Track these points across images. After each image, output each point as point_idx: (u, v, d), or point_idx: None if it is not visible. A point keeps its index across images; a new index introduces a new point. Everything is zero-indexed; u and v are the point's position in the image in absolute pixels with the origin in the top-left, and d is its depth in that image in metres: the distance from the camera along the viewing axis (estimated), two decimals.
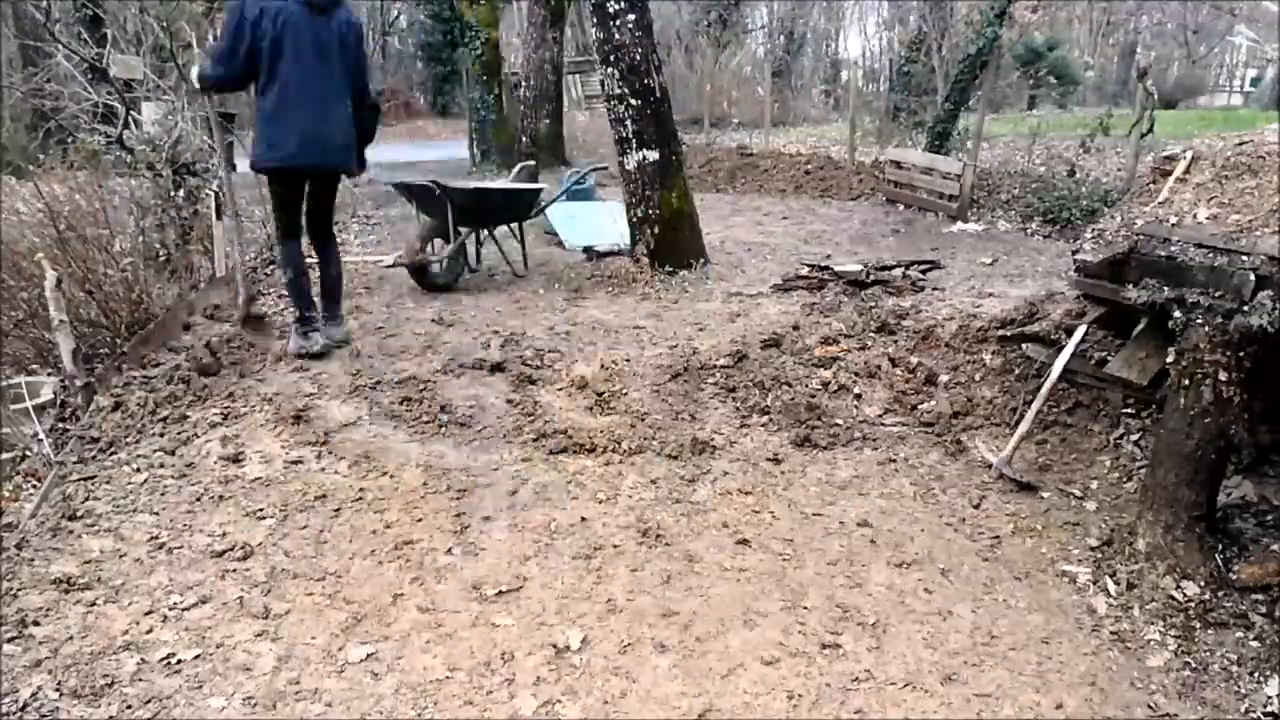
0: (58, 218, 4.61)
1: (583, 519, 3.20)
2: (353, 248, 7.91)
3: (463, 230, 6.16)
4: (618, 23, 6.14)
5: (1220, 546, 3.00)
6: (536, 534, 3.09)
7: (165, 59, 7.49)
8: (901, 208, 9.90)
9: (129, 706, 2.25)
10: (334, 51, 4.17)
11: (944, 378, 4.36)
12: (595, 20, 6.32)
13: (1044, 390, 3.66)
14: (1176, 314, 3.00)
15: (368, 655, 2.47)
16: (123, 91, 6.31)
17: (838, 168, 11.77)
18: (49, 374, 4.08)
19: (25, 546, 2.87)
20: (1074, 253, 3.50)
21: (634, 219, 6.66)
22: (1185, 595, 2.83)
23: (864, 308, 5.27)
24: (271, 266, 6.53)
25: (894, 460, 3.78)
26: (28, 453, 3.37)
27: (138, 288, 4.79)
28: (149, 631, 2.52)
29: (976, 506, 3.45)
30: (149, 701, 2.26)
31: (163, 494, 3.26)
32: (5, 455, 3.34)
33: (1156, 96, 9.63)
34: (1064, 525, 3.32)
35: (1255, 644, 2.66)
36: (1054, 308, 4.42)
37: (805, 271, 6.37)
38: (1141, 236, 3.20)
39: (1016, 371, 4.22)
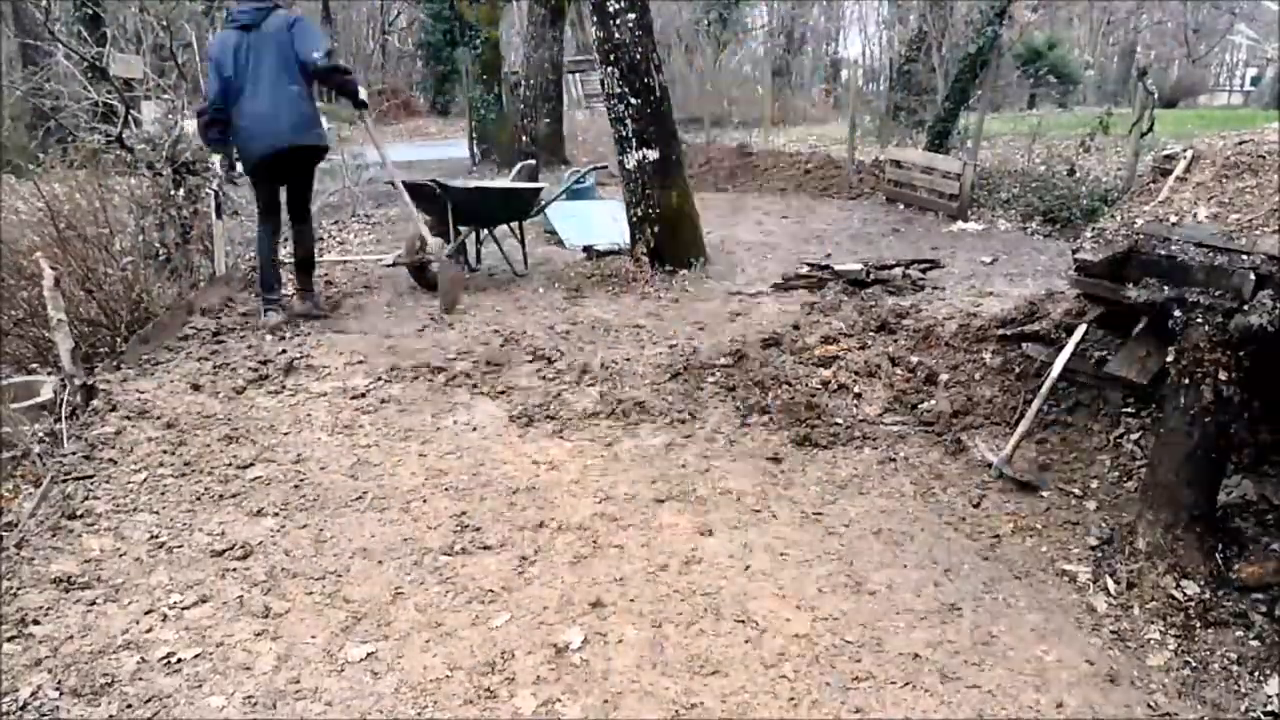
0: (57, 217, 4.61)
1: (583, 518, 3.20)
2: (353, 247, 7.91)
3: (463, 229, 6.16)
4: (618, 22, 6.14)
5: (1220, 546, 3.00)
6: (537, 533, 3.09)
7: (165, 58, 7.49)
8: (901, 207, 9.90)
9: (129, 705, 2.25)
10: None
11: (944, 377, 4.35)
12: (595, 19, 6.31)
13: (1044, 389, 3.66)
14: (1176, 313, 3.00)
15: (368, 655, 2.47)
16: (122, 91, 6.31)
17: (838, 167, 11.76)
18: (49, 373, 4.08)
19: (25, 546, 2.87)
20: (1074, 252, 3.49)
21: (634, 218, 6.66)
22: (1185, 594, 2.83)
23: (864, 307, 5.27)
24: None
25: (894, 459, 3.78)
26: (28, 452, 3.37)
27: (138, 287, 4.79)
28: (149, 631, 2.52)
29: (976, 506, 3.45)
30: (149, 700, 2.26)
31: (163, 493, 3.26)
32: (5, 455, 3.34)
33: (1156, 95, 9.63)
34: (1064, 524, 3.32)
35: (1255, 643, 2.66)
36: (1054, 307, 4.42)
37: (805, 271, 6.37)
38: (1141, 236, 3.20)
39: (1016, 371, 4.21)
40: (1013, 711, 2.36)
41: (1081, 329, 3.69)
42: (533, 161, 8.18)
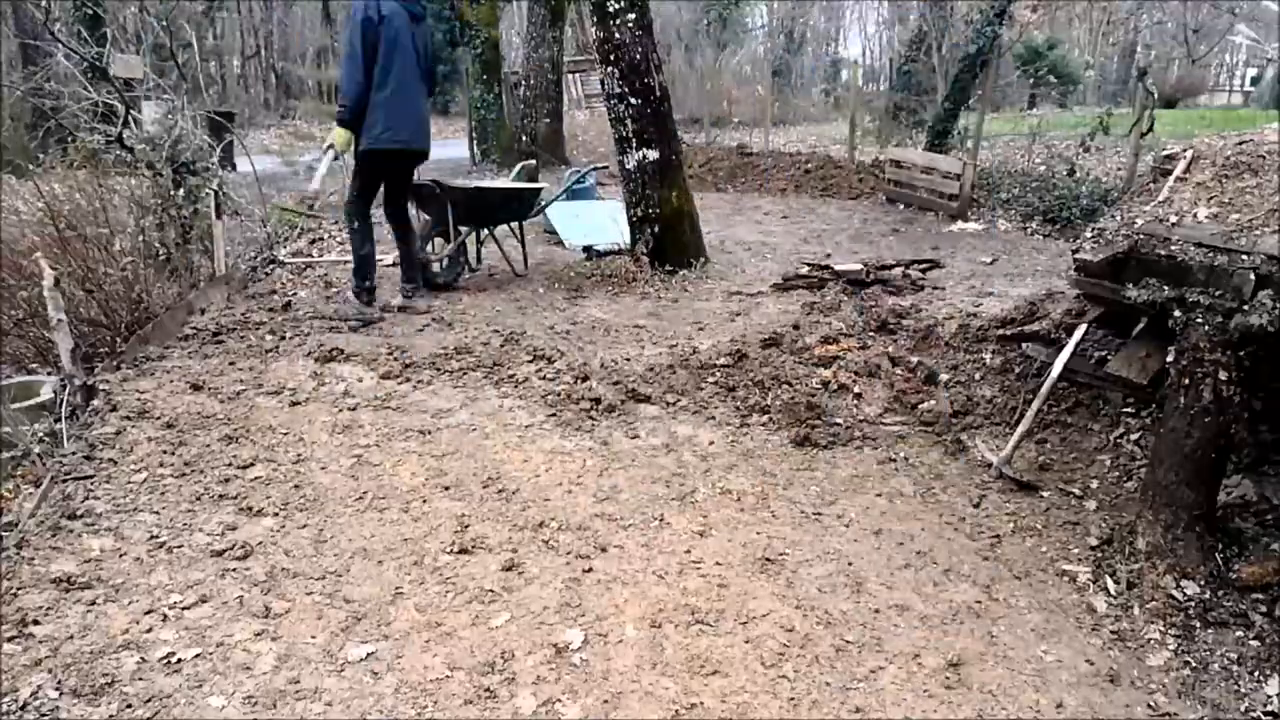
0: (57, 217, 4.60)
1: (583, 518, 3.20)
2: None
3: (463, 229, 6.17)
4: (618, 22, 6.14)
5: (1220, 546, 3.00)
6: (537, 533, 3.09)
7: (165, 58, 7.49)
8: (901, 207, 9.90)
9: (129, 705, 2.25)
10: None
11: (944, 377, 4.35)
12: (595, 19, 6.32)
13: (1044, 389, 3.66)
14: (1176, 313, 3.00)
15: (368, 655, 2.47)
16: (122, 91, 6.31)
17: (838, 167, 11.77)
18: (49, 373, 4.08)
19: (25, 546, 2.87)
20: (1074, 252, 3.50)
21: (634, 218, 6.66)
22: (1185, 594, 2.83)
23: (864, 307, 5.27)
24: (271, 265, 6.54)
25: (894, 459, 3.78)
26: (28, 452, 3.37)
27: (138, 287, 4.78)
28: (149, 631, 2.52)
29: (976, 506, 3.45)
30: (149, 700, 2.26)
31: (163, 493, 3.26)
32: (5, 455, 3.34)
33: (1156, 95, 9.64)
34: (1064, 525, 3.32)
35: (1255, 643, 2.66)
36: (1054, 307, 4.42)
37: (805, 270, 6.37)
38: (1141, 236, 3.20)
39: (1016, 371, 4.22)
40: (1013, 711, 2.36)
41: (1081, 329, 3.69)
42: (533, 161, 8.18)
